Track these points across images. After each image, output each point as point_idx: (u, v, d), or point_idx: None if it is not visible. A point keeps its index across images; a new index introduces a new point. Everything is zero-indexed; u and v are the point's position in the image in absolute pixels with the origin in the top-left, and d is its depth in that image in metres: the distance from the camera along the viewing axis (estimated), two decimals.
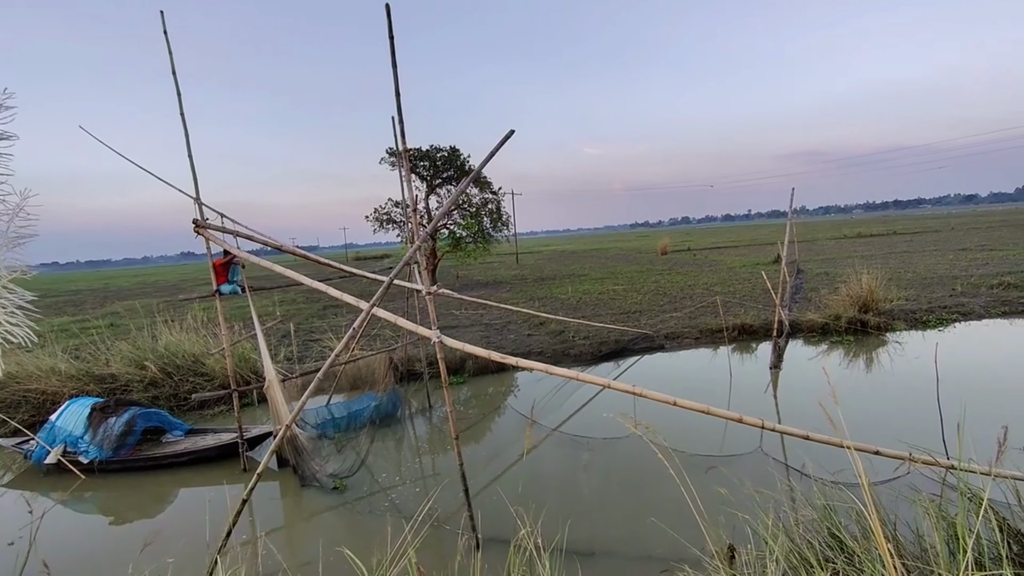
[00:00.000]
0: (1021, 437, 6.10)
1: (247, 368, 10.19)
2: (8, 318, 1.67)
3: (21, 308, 1.70)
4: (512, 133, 4.62)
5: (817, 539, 3.13)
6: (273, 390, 6.78)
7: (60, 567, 4.98)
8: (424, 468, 7.14)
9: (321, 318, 17.83)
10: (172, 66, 6.27)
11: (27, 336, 1.67)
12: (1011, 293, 14.38)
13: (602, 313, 15.56)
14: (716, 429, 6.87)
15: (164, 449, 7.50)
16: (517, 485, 6.02)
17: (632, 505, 5.45)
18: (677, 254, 40.08)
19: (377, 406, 8.43)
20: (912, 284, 16.53)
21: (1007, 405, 7.15)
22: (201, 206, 6.44)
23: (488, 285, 26.58)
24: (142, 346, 10.70)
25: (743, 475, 4.24)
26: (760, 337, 12.30)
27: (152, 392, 9.77)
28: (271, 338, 13.00)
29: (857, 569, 2.79)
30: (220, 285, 6.88)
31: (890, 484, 4.47)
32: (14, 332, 1.67)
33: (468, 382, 10.65)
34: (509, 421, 8.55)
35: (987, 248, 26.28)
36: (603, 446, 6.83)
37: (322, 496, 6.33)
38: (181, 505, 6.50)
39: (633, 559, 4.53)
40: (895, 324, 12.37)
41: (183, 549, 5.12)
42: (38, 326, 1.79)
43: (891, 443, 3.90)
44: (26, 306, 1.71)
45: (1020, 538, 2.91)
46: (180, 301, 7.69)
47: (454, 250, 25.48)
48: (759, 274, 19.88)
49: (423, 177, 25.55)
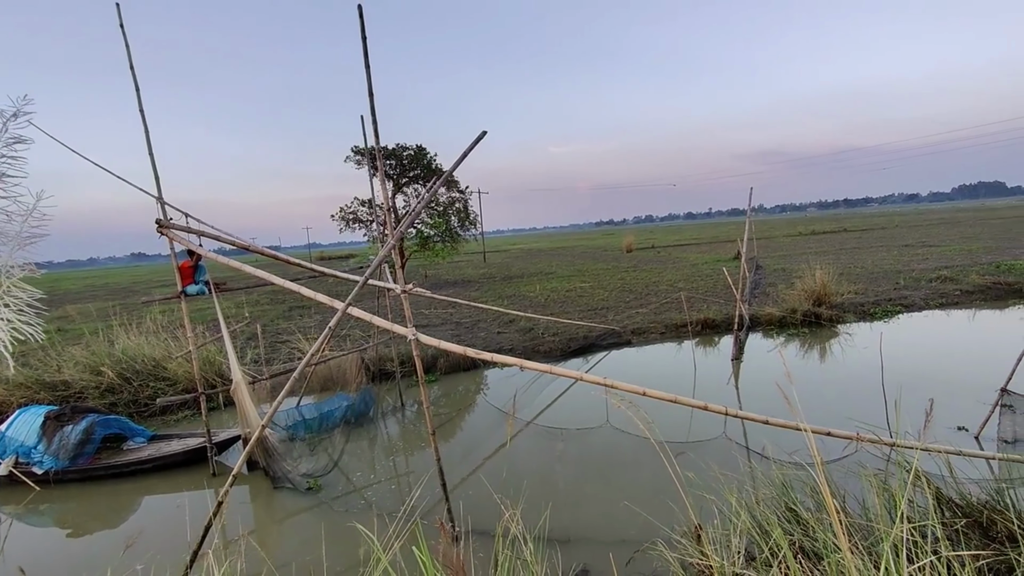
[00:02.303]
0: (952, 416, 6.66)
1: (212, 371, 9.93)
2: (19, 316, 1.66)
3: (30, 306, 1.68)
4: (484, 135, 4.72)
5: (776, 514, 3.37)
6: (240, 392, 6.66)
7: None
8: (399, 466, 7.16)
9: (287, 319, 17.46)
10: (130, 60, 6.05)
11: (36, 334, 1.66)
12: (947, 286, 15.45)
13: (570, 310, 15.84)
14: (683, 418, 7.17)
15: (126, 456, 7.26)
16: (494, 478, 6.14)
17: (606, 491, 5.66)
18: (642, 251, 41.01)
19: (350, 406, 8.38)
20: (861, 279, 17.50)
21: (941, 388, 7.73)
22: (164, 205, 6.27)
23: (456, 284, 26.56)
24: (97, 351, 10.26)
25: (709, 459, 4.49)
26: (722, 331, 12.80)
27: (110, 398, 9.39)
28: (237, 340, 12.67)
29: (811, 538, 3.04)
30: (186, 286, 6.71)
31: (841, 462, 4.83)
32: (22, 330, 1.65)
33: (440, 380, 10.69)
34: (482, 417, 8.66)
35: (927, 244, 28.03)
36: (576, 436, 7.03)
37: (296, 497, 6.28)
38: (148, 513, 6.32)
39: (608, 542, 4.72)
40: (846, 316, 13.11)
41: (154, 558, 5.01)
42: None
43: (842, 425, 4.21)
44: (35, 304, 1.69)
45: (951, 504, 3.23)
46: (141, 304, 7.37)
47: (422, 249, 25.35)
48: (720, 270, 20.61)
49: (390, 176, 25.30)
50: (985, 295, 14.54)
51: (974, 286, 15.07)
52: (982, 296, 14.49)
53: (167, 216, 6.29)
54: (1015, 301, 13.92)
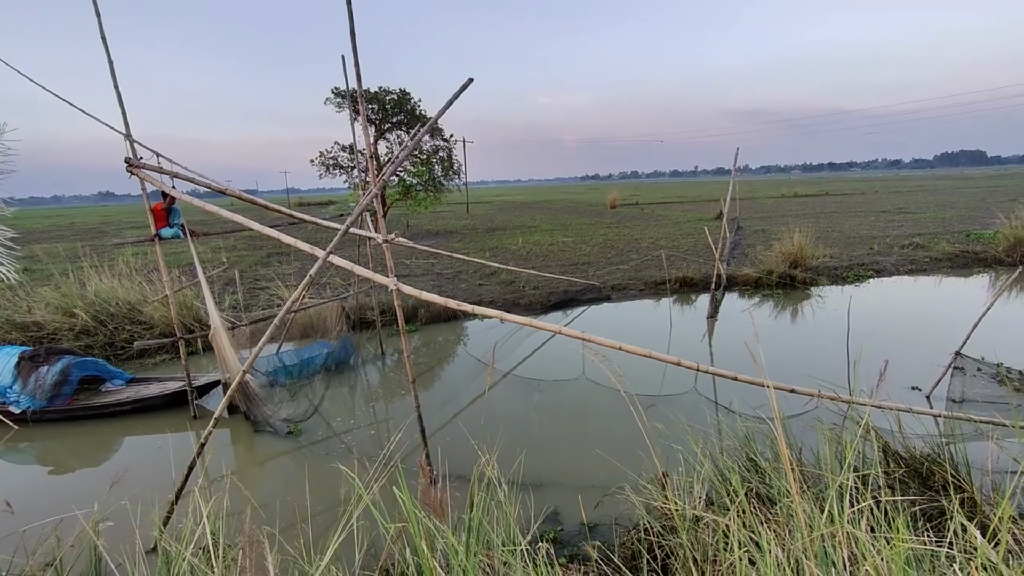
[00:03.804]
0: (908, 376, 7.04)
1: (190, 316, 9.83)
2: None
3: (3, 246, 1.63)
4: (471, 82, 4.57)
5: (737, 463, 3.59)
6: (220, 338, 6.65)
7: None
8: (379, 413, 7.34)
9: (266, 265, 17.21)
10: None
11: (9, 274, 1.61)
12: (918, 253, 15.91)
13: (552, 264, 15.93)
14: (657, 372, 7.43)
15: (105, 398, 7.27)
16: (472, 425, 6.36)
17: (578, 439, 5.92)
18: (625, 208, 40.93)
19: (330, 353, 8.45)
20: (837, 243, 17.88)
21: (901, 350, 8.12)
22: (133, 144, 5.98)
23: (439, 235, 26.31)
24: (68, 292, 10.02)
25: (679, 412, 4.71)
26: (700, 289, 13.08)
27: (85, 341, 9.28)
28: (214, 286, 12.50)
29: (768, 486, 3.27)
30: (160, 229, 6.52)
31: (801, 417, 5.12)
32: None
33: (420, 330, 10.79)
34: (461, 367, 8.84)
35: (904, 211, 28.57)
36: (552, 387, 7.25)
37: (277, 441, 6.42)
38: (129, 453, 6.43)
39: (579, 487, 5.00)
40: (819, 279, 13.48)
41: (140, 494, 5.13)
42: None
43: (806, 382, 4.42)
44: (7, 244, 1.63)
45: (896, 456, 3.48)
46: (113, 246, 7.02)
47: (404, 198, 24.86)
48: (702, 229, 20.79)
49: (372, 121, 24.40)
50: (953, 262, 15.04)
51: (943, 254, 15.55)
52: (950, 264, 14.99)
53: (137, 155, 6.02)
54: (979, 269, 14.45)
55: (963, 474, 3.43)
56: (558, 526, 4.46)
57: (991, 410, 5.98)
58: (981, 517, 3.01)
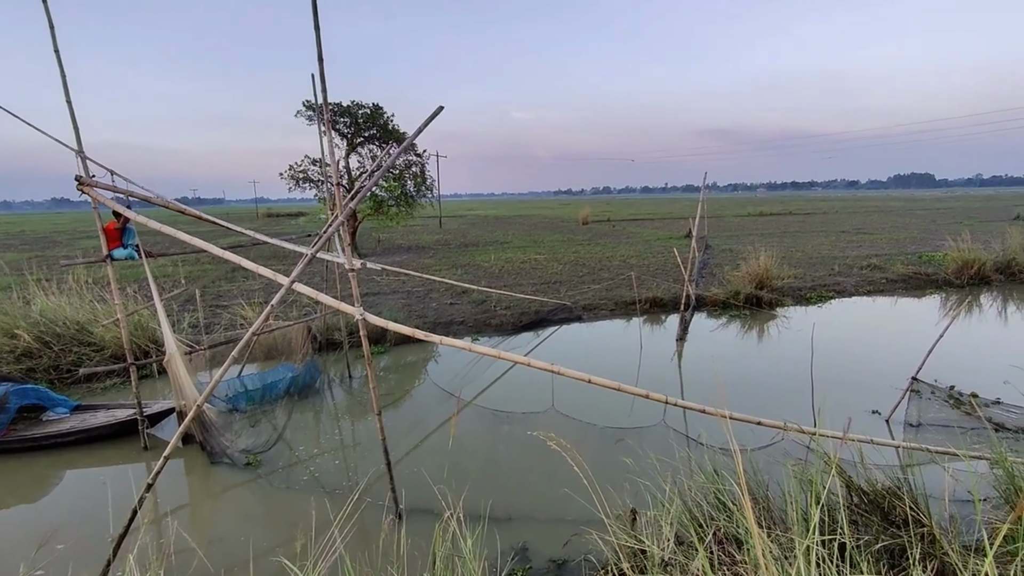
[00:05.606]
0: (869, 400, 7.24)
1: (145, 337, 9.35)
2: None
3: None
4: (441, 109, 4.54)
5: (705, 501, 3.57)
6: (175, 365, 6.33)
7: None
8: (344, 439, 7.10)
9: (230, 281, 16.64)
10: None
11: None
12: (876, 274, 16.59)
13: (524, 283, 15.91)
14: (625, 402, 7.39)
15: (46, 428, 6.80)
16: (439, 454, 6.19)
17: (548, 473, 5.80)
18: (598, 224, 41.47)
19: (295, 378, 8.16)
20: (800, 263, 18.46)
21: (861, 374, 8.37)
22: (85, 160, 5.70)
23: (410, 250, 26.06)
24: (10, 311, 9.41)
25: (647, 446, 4.69)
26: (669, 310, 13.25)
27: (27, 364, 8.70)
28: (173, 304, 11.98)
29: (735, 525, 3.25)
30: (112, 250, 6.20)
31: (768, 450, 5.16)
32: None
33: (390, 351, 10.56)
34: (430, 391, 8.65)
35: (862, 231, 29.84)
36: (522, 420, 7.13)
37: (234, 472, 6.11)
38: (70, 489, 5.99)
39: (546, 523, 4.89)
40: (784, 300, 13.85)
41: (78, 535, 4.78)
42: None
43: (773, 409, 4.48)
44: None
45: (860, 491, 3.53)
46: (62, 266, 6.59)
47: (375, 213, 24.55)
48: (672, 248, 21.19)
49: (343, 135, 24.11)
50: (907, 284, 15.72)
51: (898, 275, 16.25)
52: (904, 285, 15.65)
53: (89, 173, 5.73)
54: (931, 290, 15.14)
55: (922, 507, 3.49)
56: (527, 563, 4.34)
57: (945, 434, 6.20)
58: (940, 555, 3.05)
